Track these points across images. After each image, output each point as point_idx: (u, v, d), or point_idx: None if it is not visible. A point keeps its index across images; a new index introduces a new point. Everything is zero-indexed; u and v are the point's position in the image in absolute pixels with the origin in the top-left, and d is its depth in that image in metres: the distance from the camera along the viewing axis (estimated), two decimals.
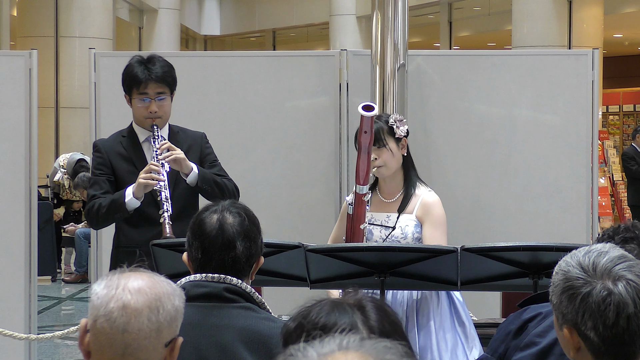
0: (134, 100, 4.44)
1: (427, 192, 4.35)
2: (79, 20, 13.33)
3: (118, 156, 4.48)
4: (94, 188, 4.46)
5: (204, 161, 4.54)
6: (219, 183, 4.46)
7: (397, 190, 4.38)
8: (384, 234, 4.30)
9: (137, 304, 2.07)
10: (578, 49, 13.48)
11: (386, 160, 4.32)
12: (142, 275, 2.13)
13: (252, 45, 24.95)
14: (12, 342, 5.54)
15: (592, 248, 2.10)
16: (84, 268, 11.01)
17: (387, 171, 4.34)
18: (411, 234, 4.27)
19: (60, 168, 11.39)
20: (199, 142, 4.58)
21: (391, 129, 4.33)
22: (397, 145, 4.34)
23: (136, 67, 4.43)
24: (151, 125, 4.41)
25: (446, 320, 4.21)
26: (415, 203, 4.32)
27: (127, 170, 4.44)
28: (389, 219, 4.32)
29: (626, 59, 23.49)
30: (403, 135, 4.35)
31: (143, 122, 4.45)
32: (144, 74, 4.39)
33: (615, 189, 13.55)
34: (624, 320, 2.00)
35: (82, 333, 2.12)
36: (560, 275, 2.08)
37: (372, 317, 1.84)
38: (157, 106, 4.40)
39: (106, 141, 4.59)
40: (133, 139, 4.50)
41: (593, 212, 5.65)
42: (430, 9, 18.91)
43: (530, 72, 5.70)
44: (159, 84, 4.40)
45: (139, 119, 4.46)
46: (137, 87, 4.40)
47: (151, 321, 2.07)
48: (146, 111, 4.41)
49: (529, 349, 2.67)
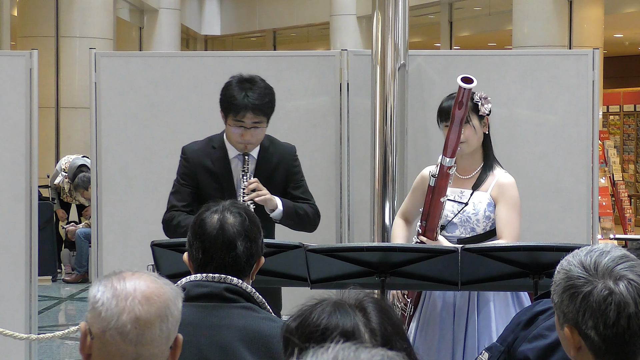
0: (229, 124, 4.35)
1: (503, 173, 4.36)
2: (80, 20, 13.33)
3: (205, 170, 4.41)
4: (176, 197, 4.42)
5: (289, 181, 4.50)
6: (300, 215, 4.44)
7: (473, 168, 4.37)
8: (456, 208, 4.30)
9: (149, 315, 2.07)
10: (578, 49, 13.47)
11: (468, 136, 4.30)
12: (145, 279, 2.12)
13: (253, 45, 24.95)
14: (12, 342, 5.54)
15: (594, 247, 2.10)
16: (84, 268, 11.01)
17: (468, 148, 4.33)
18: (483, 212, 4.26)
19: (62, 171, 11.40)
20: (287, 159, 4.52)
21: (475, 106, 4.33)
22: (480, 122, 4.34)
23: (236, 90, 4.32)
24: (242, 151, 4.35)
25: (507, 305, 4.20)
26: (491, 182, 4.32)
27: (212, 187, 4.39)
28: (463, 195, 4.32)
29: (626, 59, 23.48)
30: (486, 114, 4.34)
31: (235, 145, 4.39)
32: (243, 102, 4.28)
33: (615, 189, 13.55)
34: (624, 319, 2.00)
35: (83, 338, 2.11)
36: (562, 274, 2.08)
37: (373, 319, 1.84)
38: (251, 134, 4.32)
39: (195, 151, 4.47)
40: (223, 153, 4.43)
41: (593, 212, 5.64)
42: (430, 9, 18.90)
43: (531, 72, 5.70)
44: (256, 115, 4.31)
45: (231, 140, 4.39)
46: (234, 115, 4.31)
47: (162, 330, 2.08)
48: (240, 137, 4.34)
49: (536, 342, 2.67)
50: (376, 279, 3.94)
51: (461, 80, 4.16)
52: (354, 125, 5.73)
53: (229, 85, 4.39)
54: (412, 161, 5.47)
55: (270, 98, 4.37)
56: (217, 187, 4.38)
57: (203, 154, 4.45)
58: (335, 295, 1.88)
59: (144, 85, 5.77)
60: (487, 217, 4.26)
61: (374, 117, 5.39)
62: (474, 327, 4.17)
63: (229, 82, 4.40)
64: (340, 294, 1.90)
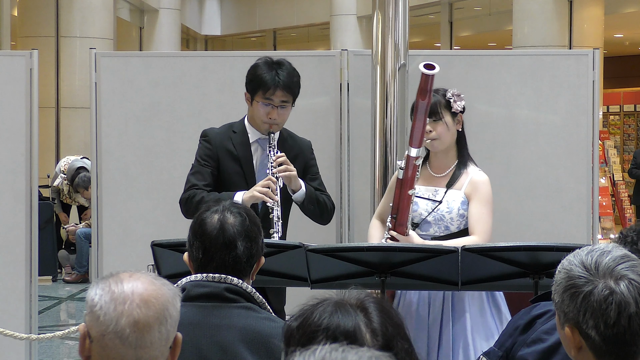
0: (256, 103, 4.36)
1: (477, 171, 4.34)
2: (80, 20, 13.33)
3: (227, 153, 4.41)
4: (196, 177, 4.38)
5: (306, 172, 4.51)
6: (320, 202, 4.46)
7: (447, 166, 4.36)
8: (430, 207, 4.29)
9: (148, 318, 2.06)
10: (579, 49, 13.48)
11: (441, 133, 4.30)
12: (142, 281, 2.11)
13: (253, 46, 24.95)
14: (12, 342, 5.54)
15: (595, 247, 2.10)
16: (84, 268, 11.01)
17: (441, 145, 4.32)
18: (457, 210, 4.26)
19: (61, 173, 11.40)
20: (305, 151, 4.55)
21: (448, 103, 4.32)
22: (453, 119, 4.33)
23: (266, 70, 4.35)
24: (268, 131, 4.36)
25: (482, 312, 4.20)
26: (465, 180, 4.30)
27: (233, 170, 4.39)
28: (437, 193, 4.31)
29: (627, 59, 23.49)
30: (460, 111, 4.34)
31: (260, 125, 4.39)
32: (274, 80, 4.32)
33: (615, 189, 13.56)
34: (625, 319, 2.00)
35: (82, 340, 2.10)
36: (563, 274, 2.08)
37: (374, 319, 1.84)
38: (277, 113, 4.35)
39: (217, 134, 4.48)
40: (244, 138, 4.44)
41: (594, 212, 5.65)
42: (430, 9, 18.91)
43: (531, 72, 5.70)
44: (285, 93, 4.34)
45: (257, 121, 4.39)
46: (264, 92, 4.33)
47: (161, 332, 2.08)
48: (266, 117, 4.34)
49: (535, 345, 2.67)
50: (376, 279, 3.94)
51: (424, 67, 4.13)
52: (354, 125, 5.73)
53: (257, 66, 4.40)
54: None
55: (297, 79, 4.41)
56: (238, 171, 4.39)
57: (224, 138, 4.45)
58: (336, 295, 1.88)
59: (144, 85, 5.77)
60: (460, 216, 4.26)
61: (374, 117, 5.39)
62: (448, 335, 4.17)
63: (257, 64, 4.41)
64: (341, 294, 1.89)
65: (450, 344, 4.15)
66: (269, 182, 4.22)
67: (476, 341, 4.15)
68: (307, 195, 4.38)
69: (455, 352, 4.15)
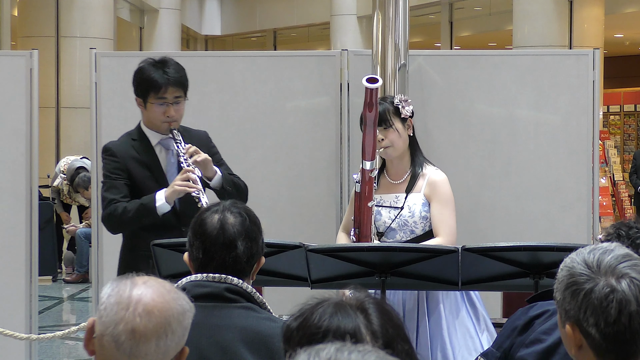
0: (150, 105, 4.37)
1: (434, 171, 4.37)
2: (80, 21, 13.32)
3: (133, 161, 4.41)
4: (112, 192, 4.36)
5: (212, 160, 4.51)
6: (236, 183, 4.47)
7: (404, 171, 4.40)
8: (392, 214, 4.31)
9: (146, 329, 2.03)
10: (579, 49, 13.47)
11: (393, 140, 4.34)
12: (154, 290, 2.08)
13: (253, 45, 24.95)
14: (12, 342, 5.54)
15: (598, 246, 2.10)
16: (84, 268, 11.01)
17: (395, 152, 4.36)
18: (419, 212, 4.28)
19: (61, 173, 11.40)
20: (204, 141, 4.54)
21: (397, 109, 4.36)
22: (403, 125, 4.37)
23: (152, 71, 4.36)
24: (169, 129, 4.36)
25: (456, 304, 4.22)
26: (423, 182, 4.34)
27: (144, 176, 4.38)
28: (398, 200, 4.34)
29: (627, 59, 23.48)
30: (409, 116, 4.36)
31: (159, 127, 4.39)
32: (163, 78, 4.34)
33: (616, 188, 13.55)
34: (625, 317, 2.00)
35: (88, 334, 2.10)
36: (565, 272, 2.08)
37: (374, 321, 1.83)
38: (174, 110, 4.36)
39: (119, 145, 4.48)
40: (145, 143, 4.44)
41: (594, 212, 5.64)
42: (431, 9, 18.90)
43: (531, 72, 5.70)
44: (177, 88, 4.36)
45: (154, 122, 4.40)
46: (156, 92, 4.34)
47: (159, 346, 2.05)
48: (163, 115, 4.36)
49: (534, 346, 2.67)
50: (376, 279, 3.94)
51: (366, 81, 4.16)
52: (354, 125, 5.73)
53: (142, 69, 4.41)
54: None
55: (184, 73, 4.43)
56: (149, 176, 4.38)
57: (126, 147, 4.45)
58: (336, 296, 1.88)
59: None
60: (423, 218, 4.29)
61: None
62: (425, 329, 4.19)
63: (141, 67, 4.42)
64: (340, 294, 1.89)
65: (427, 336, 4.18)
66: (187, 174, 4.21)
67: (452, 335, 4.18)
68: (224, 178, 4.38)
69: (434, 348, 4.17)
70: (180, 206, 4.34)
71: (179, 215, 4.34)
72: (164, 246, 3.88)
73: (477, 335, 4.22)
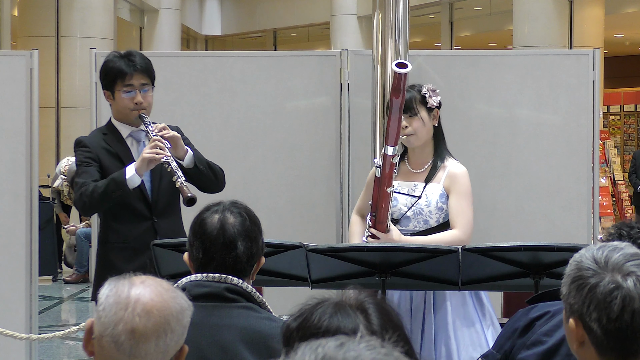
0: (118, 94, 4.43)
1: (455, 163, 4.36)
2: (80, 20, 13.33)
3: (104, 151, 4.44)
4: (83, 177, 4.37)
5: None
6: (210, 163, 4.45)
7: (425, 161, 4.37)
8: (409, 202, 4.30)
9: (146, 329, 2.03)
10: (579, 49, 13.48)
11: (417, 129, 4.31)
12: (152, 290, 2.08)
13: (253, 45, 24.95)
14: (12, 342, 5.54)
15: (608, 244, 2.11)
16: (84, 268, 11.01)
17: (417, 140, 4.33)
18: (435, 203, 4.27)
19: (61, 174, 11.40)
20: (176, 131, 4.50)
21: (424, 98, 4.34)
22: (428, 115, 4.34)
23: (117, 61, 4.44)
24: (138, 116, 4.39)
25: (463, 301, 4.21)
26: (443, 173, 4.32)
27: (115, 166, 4.38)
28: (416, 188, 4.32)
29: (627, 59, 23.49)
30: (435, 106, 4.34)
31: (128, 115, 4.43)
32: (129, 66, 4.41)
33: (616, 188, 13.55)
34: (628, 314, 2.00)
35: (87, 335, 2.10)
36: (573, 266, 2.09)
37: (374, 321, 1.83)
38: (142, 97, 4.41)
39: (90, 138, 4.55)
40: (116, 135, 4.48)
41: (594, 212, 5.64)
42: (431, 9, 18.91)
43: (531, 72, 5.70)
44: (143, 75, 4.43)
45: (124, 112, 4.44)
46: (122, 79, 4.40)
47: (158, 346, 2.05)
48: (132, 103, 4.40)
49: (535, 348, 2.67)
50: (377, 279, 3.94)
51: (396, 66, 4.14)
52: (354, 125, 5.73)
53: (108, 61, 4.48)
54: None
55: (149, 62, 4.49)
56: (120, 165, 4.36)
57: (98, 139, 4.50)
58: (335, 296, 1.88)
59: None
60: (439, 209, 4.27)
61: (375, 117, 5.39)
62: (430, 324, 4.19)
63: (107, 59, 4.50)
64: (340, 294, 1.89)
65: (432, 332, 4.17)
66: (155, 142, 4.21)
67: (457, 330, 4.18)
68: (196, 157, 4.37)
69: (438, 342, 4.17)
70: (153, 196, 4.37)
71: (151, 206, 4.36)
72: (164, 246, 3.88)
73: (483, 331, 4.22)
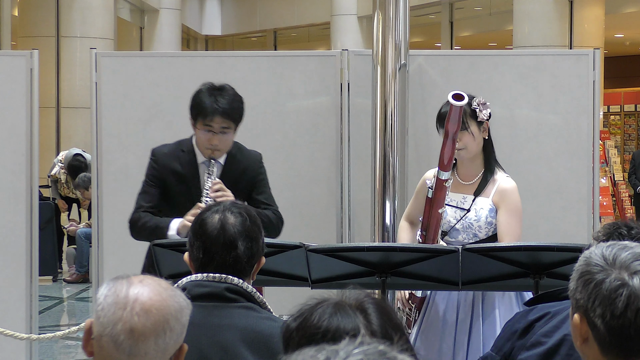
0: (198, 129, 4.39)
1: (504, 178, 4.33)
2: (80, 20, 13.33)
3: (173, 174, 4.45)
4: (143, 197, 4.46)
5: (253, 187, 4.52)
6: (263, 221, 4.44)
7: (475, 174, 4.35)
8: (458, 214, 4.29)
9: (145, 328, 2.03)
10: (579, 49, 13.47)
11: (467, 143, 4.27)
12: (150, 289, 2.08)
13: (253, 45, 24.95)
14: (13, 342, 5.54)
15: (618, 242, 2.11)
16: (85, 268, 11.01)
17: (468, 154, 4.30)
18: (484, 218, 4.25)
19: (58, 162, 11.41)
20: (253, 166, 4.55)
21: (474, 112, 4.27)
22: (478, 128, 4.29)
23: (205, 95, 4.37)
24: (209, 156, 4.39)
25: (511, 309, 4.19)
26: (493, 188, 4.29)
27: (180, 189, 4.42)
28: (465, 201, 4.30)
29: (627, 59, 23.49)
30: (485, 119, 4.31)
31: (203, 151, 4.42)
32: (212, 106, 4.33)
33: (616, 188, 13.55)
34: (632, 312, 2.00)
35: (86, 335, 2.10)
36: (582, 261, 2.09)
37: (374, 321, 1.84)
38: (219, 139, 4.36)
39: (165, 154, 4.52)
40: (192, 158, 4.46)
41: (594, 212, 5.64)
42: (431, 9, 18.91)
43: (532, 72, 5.70)
44: (224, 119, 4.35)
45: (199, 146, 4.43)
46: (203, 118, 4.34)
47: (158, 344, 2.05)
48: (208, 142, 4.36)
49: (534, 349, 2.67)
50: (377, 279, 3.94)
51: (452, 98, 4.12)
52: (354, 125, 5.73)
53: (199, 92, 4.43)
54: (412, 161, 5.47)
55: (238, 105, 4.41)
56: (185, 190, 4.41)
57: (172, 157, 4.49)
58: (335, 296, 1.88)
59: (145, 85, 5.77)
60: (489, 223, 4.25)
61: (375, 117, 5.39)
62: (478, 332, 4.17)
63: (199, 90, 4.44)
64: (340, 294, 1.89)
65: (480, 339, 4.15)
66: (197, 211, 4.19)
67: None
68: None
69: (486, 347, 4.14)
70: None
71: None
72: (164, 246, 3.88)
73: None
